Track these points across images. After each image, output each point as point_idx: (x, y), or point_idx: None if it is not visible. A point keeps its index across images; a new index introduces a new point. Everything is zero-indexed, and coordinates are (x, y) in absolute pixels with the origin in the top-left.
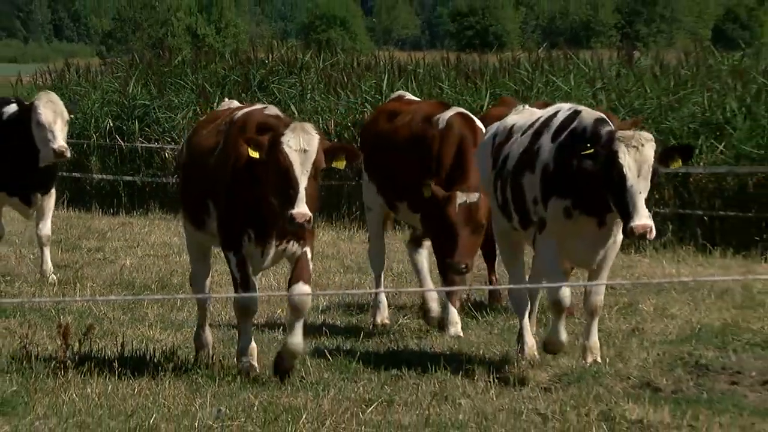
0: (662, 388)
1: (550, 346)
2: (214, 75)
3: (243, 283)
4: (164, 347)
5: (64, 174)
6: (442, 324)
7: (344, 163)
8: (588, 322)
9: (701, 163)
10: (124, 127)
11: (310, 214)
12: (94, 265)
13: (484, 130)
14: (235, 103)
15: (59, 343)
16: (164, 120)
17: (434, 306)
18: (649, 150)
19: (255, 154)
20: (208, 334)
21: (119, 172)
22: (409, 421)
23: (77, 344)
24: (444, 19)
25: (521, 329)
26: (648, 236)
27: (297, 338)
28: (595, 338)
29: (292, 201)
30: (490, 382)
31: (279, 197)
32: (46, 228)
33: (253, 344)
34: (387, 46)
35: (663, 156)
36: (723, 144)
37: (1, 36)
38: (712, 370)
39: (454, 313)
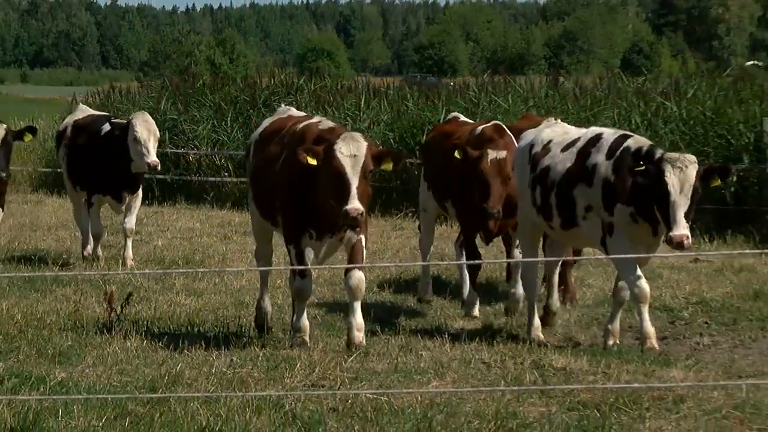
0: (581, 342)
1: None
2: (228, 95)
3: (300, 272)
4: (188, 310)
5: None
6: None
7: (391, 165)
8: (614, 310)
9: None
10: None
11: (362, 208)
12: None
13: (513, 138)
14: (292, 110)
15: (105, 307)
16: (188, 131)
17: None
18: (692, 171)
19: (313, 162)
20: (268, 304)
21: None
22: (382, 368)
23: (119, 308)
24: (409, 51)
25: (529, 310)
26: (685, 245)
27: (358, 318)
28: (647, 325)
29: (346, 198)
30: (445, 338)
31: (335, 196)
32: (131, 222)
33: (306, 322)
34: (364, 72)
35: (704, 176)
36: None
37: (60, 64)
38: (620, 328)
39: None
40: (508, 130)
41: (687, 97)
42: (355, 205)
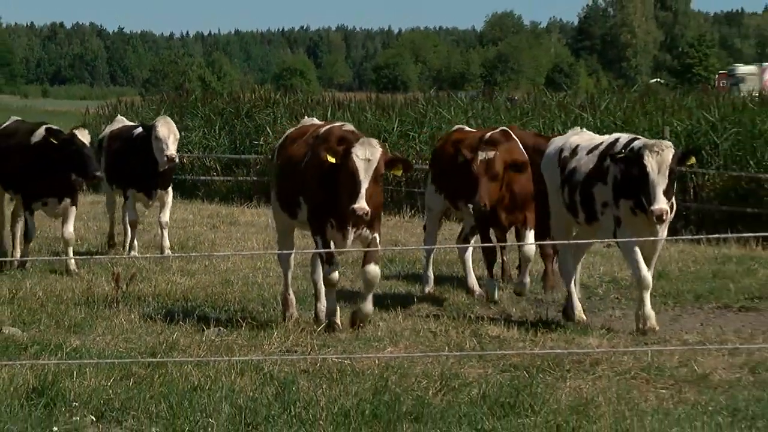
0: (512, 315)
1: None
2: (216, 108)
3: (328, 260)
4: (183, 288)
5: None
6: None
7: (401, 171)
8: (639, 296)
9: None
10: None
11: (368, 208)
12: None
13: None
14: (315, 120)
15: (113, 285)
16: (183, 137)
17: (476, 287)
18: (668, 154)
19: (332, 160)
20: (293, 297)
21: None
22: (345, 336)
23: (124, 286)
24: (368, 71)
25: (569, 296)
26: (664, 217)
27: (368, 306)
28: (647, 308)
29: (354, 197)
30: (399, 311)
31: (346, 194)
32: (165, 217)
33: (336, 306)
34: (330, 88)
35: (681, 158)
36: None
37: (75, 82)
38: (545, 302)
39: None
40: (514, 136)
41: (600, 109)
42: (362, 204)
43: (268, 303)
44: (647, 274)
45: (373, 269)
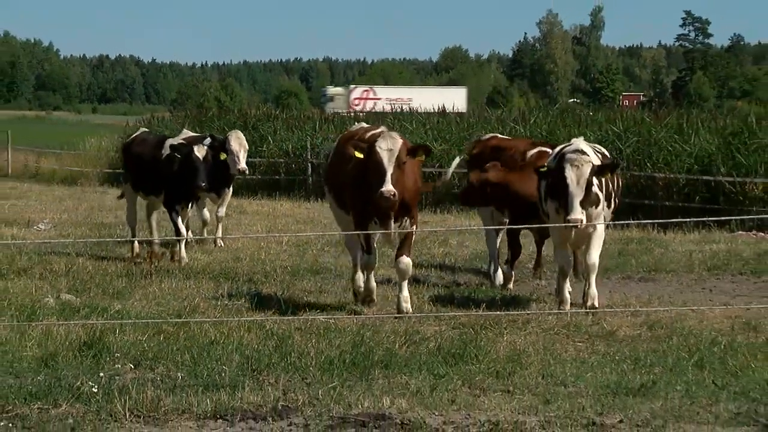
0: (461, 284)
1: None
2: (228, 122)
3: (368, 249)
4: (203, 263)
5: None
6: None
7: (423, 156)
8: (588, 277)
9: None
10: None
11: (394, 190)
12: (166, 221)
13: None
14: (364, 124)
15: (148, 261)
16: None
17: (499, 276)
18: (586, 168)
19: (360, 155)
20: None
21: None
22: (330, 301)
23: (157, 262)
24: None
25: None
26: (579, 226)
27: (405, 293)
28: (593, 288)
29: (382, 182)
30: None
31: (375, 181)
32: (222, 212)
33: (374, 285)
34: (318, 107)
35: (597, 171)
36: None
37: (118, 101)
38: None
39: (504, 274)
40: (542, 147)
41: (530, 122)
42: (388, 187)
43: (270, 275)
44: (567, 262)
45: (407, 260)
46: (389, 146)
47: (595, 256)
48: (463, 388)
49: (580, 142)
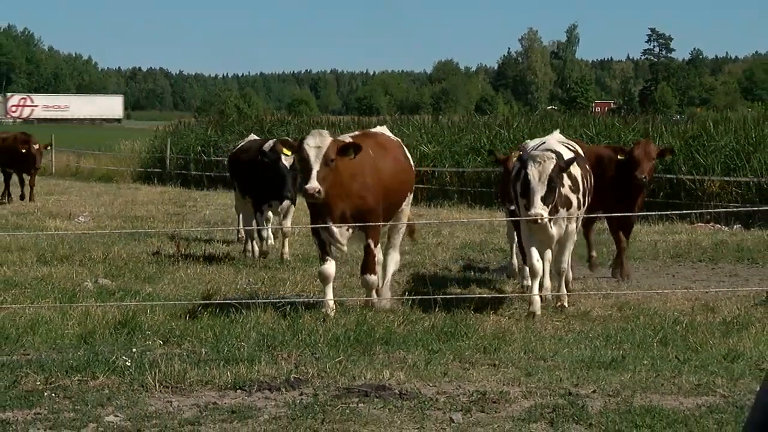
0: (451, 269)
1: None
2: (247, 126)
3: (320, 256)
4: (223, 252)
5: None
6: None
7: (353, 155)
8: (558, 281)
9: (469, 166)
10: (204, 150)
11: (318, 186)
12: (191, 214)
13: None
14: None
15: (175, 249)
16: (223, 146)
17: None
18: (549, 165)
19: (288, 153)
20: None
21: (204, 169)
22: (336, 285)
23: (183, 250)
24: (353, 101)
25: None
26: (540, 221)
27: (376, 300)
28: (563, 289)
29: (307, 179)
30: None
31: (302, 177)
32: (287, 223)
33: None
34: (326, 113)
35: (563, 167)
36: (479, 158)
37: (149, 108)
38: (475, 264)
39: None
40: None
41: (513, 127)
42: (313, 184)
43: (283, 262)
44: (538, 264)
45: (366, 278)
46: (317, 143)
47: (564, 261)
48: (454, 362)
49: (554, 138)
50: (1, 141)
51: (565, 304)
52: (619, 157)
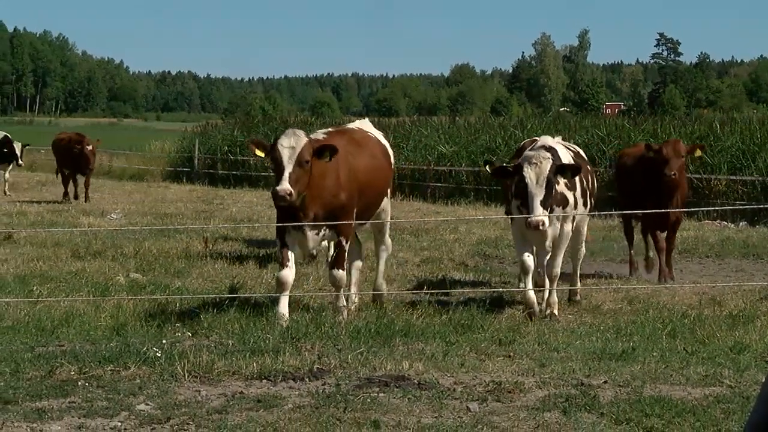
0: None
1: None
2: (272, 127)
3: (280, 261)
4: (249, 248)
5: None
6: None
7: (329, 157)
8: (549, 286)
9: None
10: (231, 150)
11: (290, 189)
12: (218, 211)
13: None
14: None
15: (203, 245)
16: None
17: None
18: (546, 165)
19: (261, 153)
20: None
21: (231, 168)
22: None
23: (210, 246)
24: (373, 102)
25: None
26: (541, 227)
27: (341, 301)
28: (554, 297)
29: (278, 180)
30: (393, 263)
31: (275, 178)
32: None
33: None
34: (347, 115)
35: (557, 171)
36: (485, 157)
37: (178, 110)
38: (486, 257)
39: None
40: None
41: (527, 128)
42: (284, 185)
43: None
44: (529, 261)
45: (335, 274)
46: (291, 144)
47: (557, 265)
48: (471, 353)
49: (547, 140)
50: (58, 142)
51: (555, 312)
52: (649, 154)
